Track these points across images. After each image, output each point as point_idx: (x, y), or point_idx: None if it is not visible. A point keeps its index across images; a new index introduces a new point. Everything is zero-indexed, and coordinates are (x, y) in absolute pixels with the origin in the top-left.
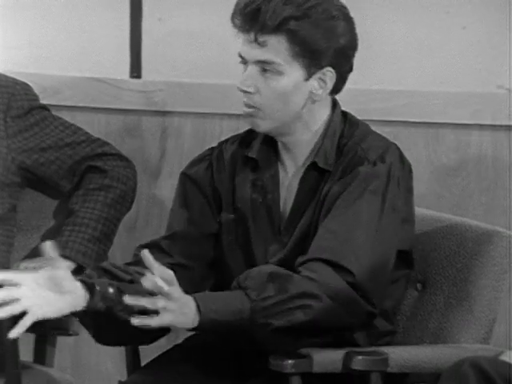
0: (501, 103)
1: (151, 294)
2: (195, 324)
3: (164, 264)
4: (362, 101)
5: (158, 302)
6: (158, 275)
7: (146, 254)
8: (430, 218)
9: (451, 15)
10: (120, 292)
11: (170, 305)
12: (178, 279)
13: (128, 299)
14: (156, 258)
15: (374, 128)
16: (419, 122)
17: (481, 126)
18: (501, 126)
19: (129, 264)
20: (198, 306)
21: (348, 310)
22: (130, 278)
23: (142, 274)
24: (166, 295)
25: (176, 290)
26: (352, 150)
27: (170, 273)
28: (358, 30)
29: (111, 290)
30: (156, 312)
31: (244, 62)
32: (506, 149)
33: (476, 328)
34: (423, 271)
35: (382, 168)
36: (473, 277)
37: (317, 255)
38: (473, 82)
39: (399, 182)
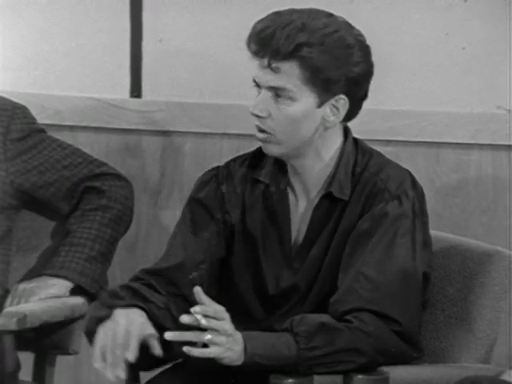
0: (501, 123)
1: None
2: (240, 362)
3: (169, 293)
4: (364, 121)
5: (205, 336)
6: (209, 309)
7: (198, 290)
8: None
9: (451, 36)
10: None
11: (218, 338)
12: (183, 311)
13: (169, 335)
14: (160, 287)
15: (375, 147)
16: (420, 142)
17: (481, 146)
18: (501, 145)
19: None
20: (245, 346)
21: (394, 361)
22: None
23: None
24: (216, 329)
25: (227, 325)
26: (370, 181)
27: (221, 308)
28: None
29: None
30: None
31: (258, 86)
32: (506, 168)
33: (476, 348)
34: (423, 290)
35: (407, 205)
36: (473, 296)
37: (363, 305)
38: (473, 102)
39: (419, 214)
